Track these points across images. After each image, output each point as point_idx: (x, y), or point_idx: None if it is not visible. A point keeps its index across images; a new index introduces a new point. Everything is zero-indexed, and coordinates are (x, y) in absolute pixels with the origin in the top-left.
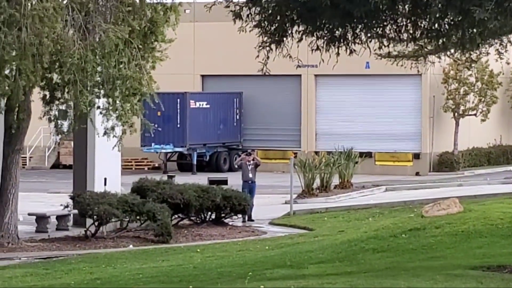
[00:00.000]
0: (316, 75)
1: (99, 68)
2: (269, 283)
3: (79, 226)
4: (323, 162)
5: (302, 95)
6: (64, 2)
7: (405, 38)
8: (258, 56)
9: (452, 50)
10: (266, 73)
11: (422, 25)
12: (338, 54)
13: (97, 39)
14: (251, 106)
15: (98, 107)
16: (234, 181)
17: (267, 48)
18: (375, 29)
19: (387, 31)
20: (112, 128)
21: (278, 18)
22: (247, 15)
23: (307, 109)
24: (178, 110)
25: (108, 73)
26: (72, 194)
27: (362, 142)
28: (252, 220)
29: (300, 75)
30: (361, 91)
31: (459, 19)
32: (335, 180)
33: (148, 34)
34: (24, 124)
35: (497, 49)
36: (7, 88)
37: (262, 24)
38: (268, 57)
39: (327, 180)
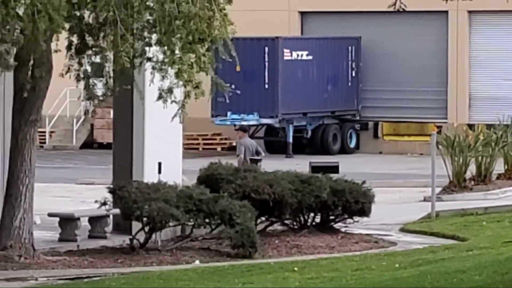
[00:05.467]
0: (470, 12)
1: (150, 3)
2: None
3: (121, 233)
4: (481, 141)
5: (450, 41)
6: None
7: None
8: None
9: None
10: (401, 9)
11: None
12: None
13: None
14: (374, 57)
15: (149, 59)
16: (349, 167)
17: None
18: None
19: None
20: (170, 90)
21: None
22: None
23: (456, 62)
24: (266, 64)
25: (163, 9)
26: (111, 186)
27: None
28: None
29: (446, 12)
30: None
31: None
32: (499, 167)
33: None
34: (42, 85)
35: None
36: (19, 32)
37: None
38: None
39: (487, 167)
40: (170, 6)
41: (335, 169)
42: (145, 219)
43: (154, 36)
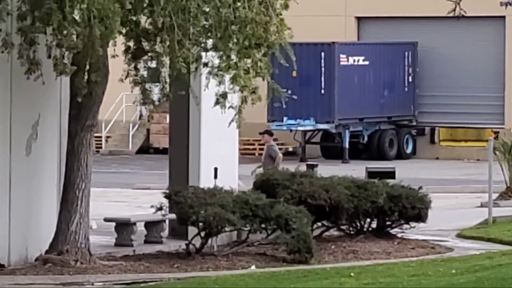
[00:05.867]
0: None
1: (206, 8)
2: None
3: (177, 238)
4: None
5: (507, 46)
6: None
7: None
8: None
9: None
10: (461, 15)
11: None
12: None
13: None
14: (430, 63)
15: (205, 65)
16: (405, 173)
17: None
18: None
19: None
20: (225, 96)
21: None
22: None
23: None
24: (323, 69)
25: (220, 14)
26: (167, 191)
27: None
28: None
29: (503, 17)
30: None
31: None
32: None
33: None
34: (98, 90)
35: None
36: (75, 38)
37: None
38: None
39: None
40: (227, 11)
41: (391, 174)
42: (201, 224)
43: (210, 41)
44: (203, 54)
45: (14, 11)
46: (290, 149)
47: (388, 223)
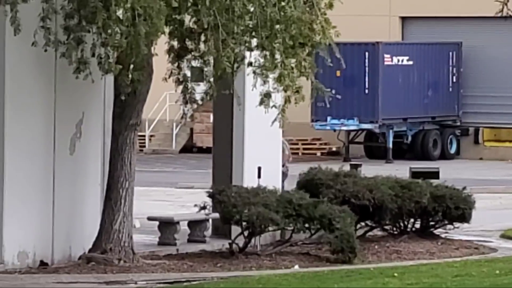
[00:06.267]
0: None
1: (251, 8)
2: None
3: (221, 237)
4: None
5: None
6: None
7: None
8: None
9: None
10: (508, 15)
11: None
12: None
13: None
14: (475, 63)
15: (250, 64)
16: (449, 173)
17: None
18: None
19: None
20: (269, 95)
21: None
22: None
23: None
24: (367, 69)
25: (265, 14)
26: (211, 191)
27: None
28: None
29: None
30: None
31: None
32: None
33: None
34: (142, 88)
35: None
36: (119, 37)
37: None
38: None
39: None
40: (272, 10)
41: (435, 174)
42: (244, 223)
43: (255, 41)
44: (248, 53)
45: (59, 10)
46: (334, 149)
47: (431, 223)
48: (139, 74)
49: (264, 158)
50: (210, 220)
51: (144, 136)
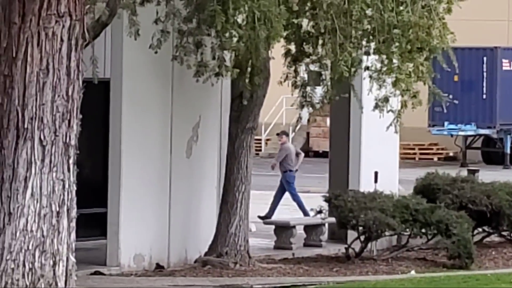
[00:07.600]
0: None
1: (369, 11)
2: None
3: (337, 241)
4: None
5: None
6: None
7: None
8: None
9: None
10: None
11: None
12: None
13: None
14: None
15: (367, 68)
16: None
17: None
18: None
19: None
20: (386, 100)
21: None
22: None
23: None
24: (484, 74)
25: (383, 18)
26: (327, 195)
27: None
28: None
29: None
30: None
31: None
32: None
33: None
34: (259, 92)
35: None
36: (236, 40)
37: None
38: None
39: None
40: (389, 14)
41: None
42: (361, 228)
43: (373, 45)
44: (365, 57)
45: (177, 13)
46: (451, 154)
47: None
48: (258, 78)
49: (380, 163)
50: (326, 225)
51: (260, 140)
